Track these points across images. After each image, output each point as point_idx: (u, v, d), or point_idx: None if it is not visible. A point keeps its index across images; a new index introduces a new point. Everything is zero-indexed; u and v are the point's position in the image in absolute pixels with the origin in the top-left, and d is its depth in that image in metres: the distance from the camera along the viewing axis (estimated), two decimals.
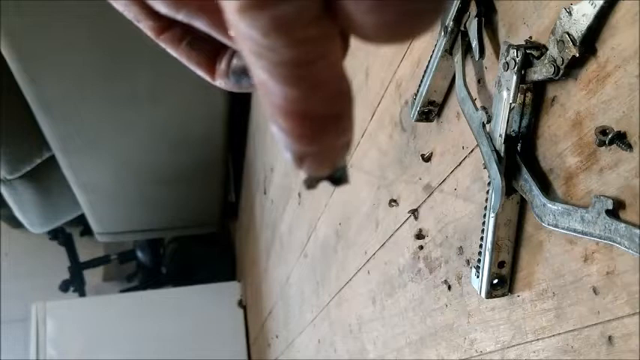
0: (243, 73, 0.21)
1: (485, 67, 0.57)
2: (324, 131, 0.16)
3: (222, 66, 0.22)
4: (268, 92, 0.15)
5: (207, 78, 0.22)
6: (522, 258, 0.53)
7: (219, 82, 0.22)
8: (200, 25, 0.17)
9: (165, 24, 0.21)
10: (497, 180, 0.49)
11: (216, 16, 0.16)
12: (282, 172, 1.66)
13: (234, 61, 0.21)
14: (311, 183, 0.19)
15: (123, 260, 3.64)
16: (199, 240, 3.39)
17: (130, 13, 0.20)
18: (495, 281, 0.54)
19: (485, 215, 0.53)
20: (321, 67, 0.14)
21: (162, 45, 0.22)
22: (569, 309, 0.46)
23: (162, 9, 0.17)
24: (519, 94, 0.48)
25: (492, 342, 0.59)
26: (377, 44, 0.14)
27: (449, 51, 0.60)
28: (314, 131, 0.15)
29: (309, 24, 0.13)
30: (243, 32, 0.13)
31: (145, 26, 0.21)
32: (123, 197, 2.58)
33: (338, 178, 0.19)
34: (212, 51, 0.21)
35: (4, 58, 1.74)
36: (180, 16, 0.17)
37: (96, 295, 3.32)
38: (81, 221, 2.99)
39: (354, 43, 0.16)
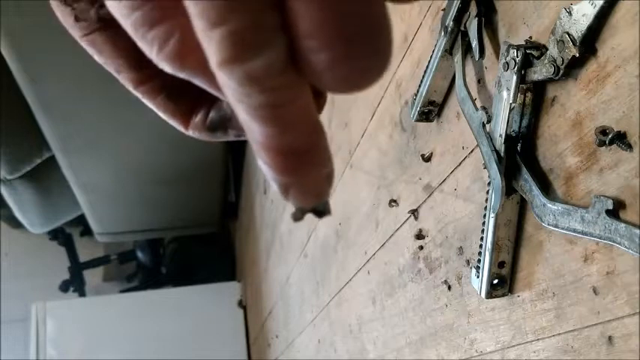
0: (219, 125, 0.23)
1: (486, 67, 0.57)
2: (302, 163, 0.18)
3: (197, 119, 0.24)
4: (250, 130, 0.17)
5: (181, 128, 0.24)
6: (522, 258, 0.53)
7: (192, 133, 0.24)
8: (198, 82, 0.19)
9: (144, 76, 0.22)
10: (497, 180, 0.49)
11: (212, 74, 0.19)
12: None
13: (212, 114, 0.24)
14: (297, 215, 0.21)
15: (123, 260, 3.64)
16: (199, 240, 3.40)
17: (111, 65, 0.22)
18: (495, 281, 0.54)
19: (485, 215, 0.53)
20: (292, 109, 0.17)
21: (139, 96, 0.23)
22: (569, 309, 0.46)
23: (167, 68, 0.19)
24: (519, 94, 0.48)
25: (492, 342, 0.59)
26: (335, 93, 0.17)
27: (449, 51, 0.60)
28: (292, 164, 0.18)
29: (277, 75, 0.16)
30: (223, 82, 0.16)
31: (125, 78, 0.23)
32: (123, 197, 2.58)
33: (321, 210, 0.21)
34: (188, 104, 0.24)
35: (4, 58, 1.74)
36: (183, 75, 0.19)
37: (96, 295, 3.32)
38: (81, 221, 2.99)
39: None
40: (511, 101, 0.48)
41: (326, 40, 0.15)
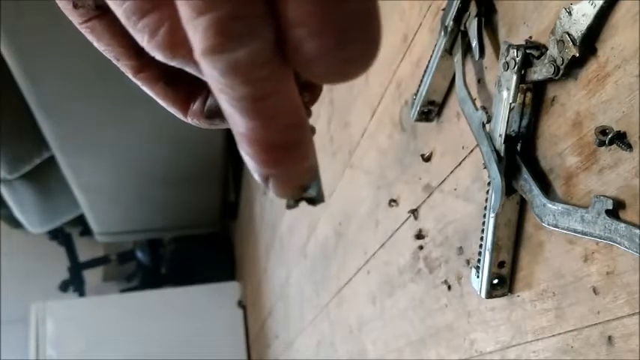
0: (216, 112, 0.23)
1: (486, 67, 0.57)
2: (284, 157, 0.18)
3: (195, 106, 0.24)
4: (233, 122, 0.17)
5: (180, 115, 0.24)
6: (522, 258, 0.53)
7: (191, 120, 0.24)
8: (190, 70, 0.19)
9: (143, 63, 0.22)
10: (497, 180, 0.49)
11: None
12: None
13: (209, 101, 0.24)
14: (290, 204, 0.21)
15: (123, 260, 3.64)
16: (199, 240, 3.39)
17: (110, 52, 0.22)
18: (495, 281, 0.54)
19: (485, 215, 0.53)
20: (275, 102, 0.16)
21: (139, 83, 0.23)
22: (569, 309, 0.46)
23: (158, 56, 0.19)
24: (519, 94, 0.48)
25: (492, 342, 0.59)
26: (324, 83, 0.17)
27: (449, 51, 0.60)
28: (274, 157, 0.18)
29: (261, 66, 0.16)
30: (206, 72, 0.16)
31: (124, 65, 0.23)
32: (123, 197, 2.58)
33: (314, 198, 0.21)
34: (186, 91, 0.24)
35: (4, 58, 1.74)
36: (174, 63, 0.19)
37: (96, 295, 3.32)
38: (81, 221, 2.99)
39: None
40: (511, 101, 0.48)
41: (316, 28, 0.15)
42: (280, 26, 0.15)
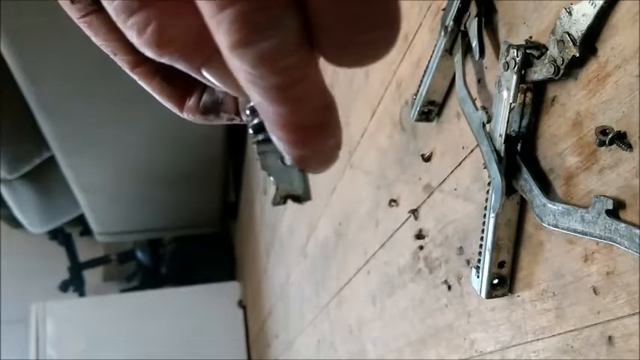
0: (211, 108, 0.24)
1: (486, 67, 0.57)
2: (314, 137, 0.19)
3: (190, 102, 0.25)
4: (264, 110, 0.18)
5: (176, 111, 0.25)
6: (522, 258, 0.53)
7: (187, 115, 0.25)
8: (180, 66, 0.19)
9: (140, 58, 0.23)
10: (497, 180, 0.49)
11: (194, 59, 0.19)
12: None
13: (205, 97, 0.24)
14: (276, 200, 0.22)
15: (123, 260, 3.64)
16: (199, 240, 3.40)
17: (107, 47, 0.23)
18: (495, 281, 0.54)
19: (485, 215, 0.53)
20: (303, 88, 0.17)
21: (136, 78, 0.24)
22: (569, 309, 0.46)
23: (148, 53, 0.19)
24: (519, 94, 0.48)
25: (492, 342, 0.59)
26: (348, 67, 0.18)
27: (449, 51, 0.60)
28: (305, 138, 0.19)
29: (289, 55, 0.16)
30: (236, 65, 0.16)
31: (121, 60, 0.23)
32: (123, 197, 2.58)
33: (300, 196, 0.22)
34: (183, 87, 0.24)
35: (4, 58, 1.74)
36: (164, 60, 0.19)
37: (96, 295, 3.32)
38: (81, 221, 2.99)
39: None
40: (511, 101, 0.48)
41: (338, 16, 0.16)
42: (308, 14, 0.16)
